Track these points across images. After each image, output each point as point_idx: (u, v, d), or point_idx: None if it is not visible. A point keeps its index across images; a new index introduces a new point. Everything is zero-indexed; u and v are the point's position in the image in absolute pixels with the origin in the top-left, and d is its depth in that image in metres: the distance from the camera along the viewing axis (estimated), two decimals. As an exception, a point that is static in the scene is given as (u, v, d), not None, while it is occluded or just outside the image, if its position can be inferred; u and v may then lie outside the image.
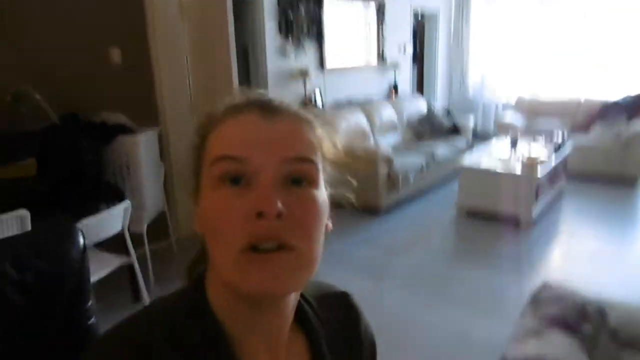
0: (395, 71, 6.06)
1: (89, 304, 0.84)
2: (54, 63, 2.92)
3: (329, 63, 4.99)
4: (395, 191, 4.37)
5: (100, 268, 2.49)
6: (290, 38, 4.52)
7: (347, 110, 4.94)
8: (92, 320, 0.85)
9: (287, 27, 4.45)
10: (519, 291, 2.82)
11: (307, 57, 4.74)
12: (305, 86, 4.69)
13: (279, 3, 4.35)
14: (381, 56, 5.80)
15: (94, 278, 2.45)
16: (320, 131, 0.59)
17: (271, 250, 0.50)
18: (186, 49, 3.59)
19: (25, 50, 2.82)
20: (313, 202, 0.54)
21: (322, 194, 0.57)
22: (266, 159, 0.52)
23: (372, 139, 5.00)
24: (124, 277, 2.72)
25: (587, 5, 6.36)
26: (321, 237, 0.56)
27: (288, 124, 0.56)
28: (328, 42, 4.93)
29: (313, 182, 0.55)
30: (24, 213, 2.30)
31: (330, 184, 0.61)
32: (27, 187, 2.48)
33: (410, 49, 6.46)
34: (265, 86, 4.40)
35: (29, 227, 2.33)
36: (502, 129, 5.93)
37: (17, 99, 2.65)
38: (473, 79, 7.35)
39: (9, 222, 2.25)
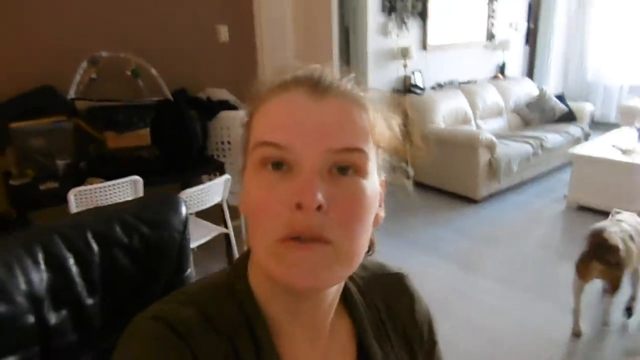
0: (504, 51, 5.63)
1: (188, 271, 0.87)
2: (167, 41, 3.12)
3: (432, 41, 4.76)
4: (495, 180, 4.10)
5: (200, 235, 2.65)
6: (392, 16, 4.38)
7: (447, 91, 4.70)
8: (191, 287, 0.88)
9: (390, 5, 4.31)
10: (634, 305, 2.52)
11: (409, 37, 4.57)
12: (405, 67, 4.54)
13: (383, -21, 4.22)
14: (489, 34, 5.41)
15: (194, 244, 2.62)
16: (374, 114, 0.53)
17: (309, 241, 0.47)
18: (290, 28, 3.63)
19: (141, 30, 3.03)
20: (359, 193, 0.49)
21: (373, 183, 0.52)
22: (310, 147, 0.47)
23: (473, 123, 4.73)
24: (221, 246, 2.88)
25: None
26: (367, 230, 0.52)
27: (338, 106, 0.50)
28: (432, 20, 4.69)
29: (361, 172, 0.50)
30: (137, 178, 2.51)
31: (385, 169, 0.56)
32: (141, 155, 2.69)
33: (523, 27, 5.94)
34: (365, 66, 4.33)
35: (141, 192, 2.53)
36: (626, 115, 5.27)
37: (136, 74, 2.88)
38: (594, 60, 6.60)
39: (124, 186, 2.47)
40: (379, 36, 4.35)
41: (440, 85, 4.89)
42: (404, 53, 4.46)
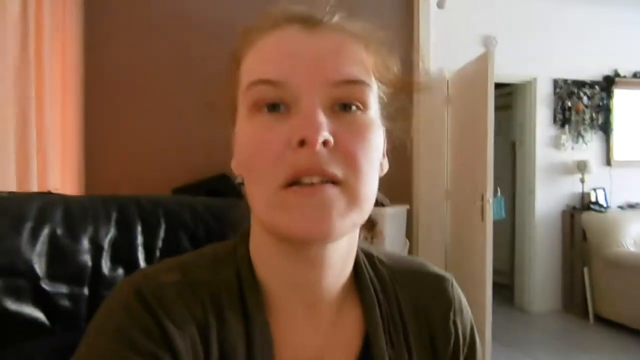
0: None
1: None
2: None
3: (618, 156, 4.23)
4: None
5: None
6: (566, 128, 4.09)
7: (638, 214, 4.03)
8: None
9: (563, 116, 4.07)
10: None
11: (587, 151, 4.15)
12: (583, 182, 4.08)
13: (555, 90, 4.05)
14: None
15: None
16: (372, 48, 0.49)
17: (315, 184, 0.43)
18: (447, 135, 3.65)
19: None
20: (365, 128, 0.46)
21: (376, 121, 0.48)
22: (307, 80, 0.44)
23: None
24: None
25: None
26: (375, 171, 0.47)
27: (334, 39, 0.47)
28: (617, 135, 4.23)
29: (365, 107, 0.46)
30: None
31: (387, 116, 0.51)
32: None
33: None
34: (533, 180, 4.04)
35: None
36: None
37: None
38: None
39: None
40: (550, 149, 4.07)
41: (630, 206, 4.21)
42: (581, 168, 4.04)
